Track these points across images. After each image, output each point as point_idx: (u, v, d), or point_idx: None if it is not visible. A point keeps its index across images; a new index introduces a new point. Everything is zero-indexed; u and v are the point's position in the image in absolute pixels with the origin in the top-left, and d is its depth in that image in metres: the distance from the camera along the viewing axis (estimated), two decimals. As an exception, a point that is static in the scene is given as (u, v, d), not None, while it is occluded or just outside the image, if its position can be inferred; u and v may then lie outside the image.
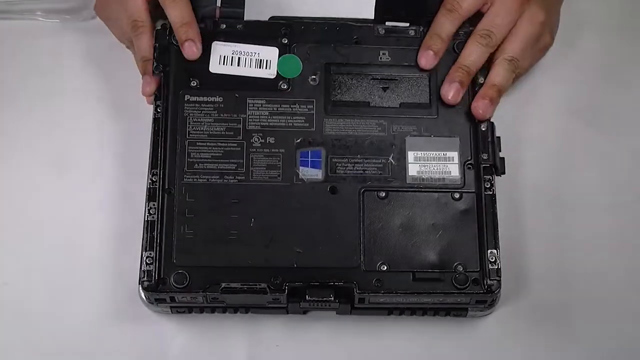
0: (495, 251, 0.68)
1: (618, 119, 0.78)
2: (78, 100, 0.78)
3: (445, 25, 0.74)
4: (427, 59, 0.73)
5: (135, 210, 0.69)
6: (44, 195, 0.75)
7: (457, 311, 0.70)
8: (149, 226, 0.68)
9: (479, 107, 0.72)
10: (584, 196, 0.76)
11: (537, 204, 0.75)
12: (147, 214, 0.68)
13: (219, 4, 0.74)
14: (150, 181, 0.69)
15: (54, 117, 0.77)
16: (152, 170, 0.69)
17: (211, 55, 0.73)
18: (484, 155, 0.71)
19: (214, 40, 0.73)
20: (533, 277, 0.73)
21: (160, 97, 0.71)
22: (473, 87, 0.73)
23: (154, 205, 0.69)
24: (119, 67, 0.77)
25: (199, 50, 0.72)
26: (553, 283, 0.73)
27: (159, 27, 0.73)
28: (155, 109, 0.71)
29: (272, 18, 0.75)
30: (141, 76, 0.73)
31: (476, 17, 0.74)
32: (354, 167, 0.71)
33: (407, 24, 0.75)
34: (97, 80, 0.78)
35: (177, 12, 0.72)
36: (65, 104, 0.78)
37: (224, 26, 0.74)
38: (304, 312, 0.71)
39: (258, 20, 0.74)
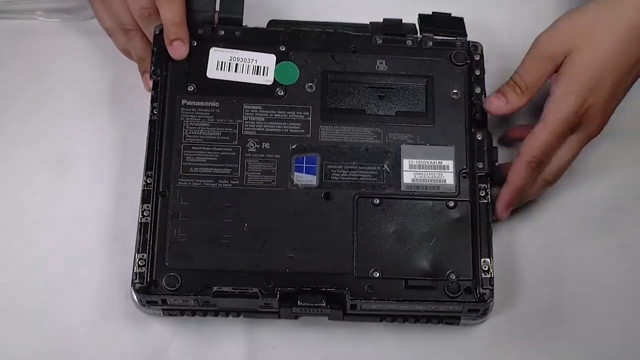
0: (488, 260, 0.68)
1: (615, 121, 0.78)
2: (78, 100, 0.78)
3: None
4: (498, 104, 0.70)
5: (135, 211, 0.69)
6: (42, 195, 0.74)
7: (449, 319, 0.70)
8: (142, 228, 0.68)
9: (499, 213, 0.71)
10: (579, 204, 0.75)
11: (532, 212, 0.75)
12: (140, 216, 0.68)
13: (218, 9, 0.74)
14: (144, 183, 0.69)
15: (53, 117, 0.77)
16: (147, 172, 0.69)
17: (209, 61, 0.73)
18: (479, 164, 0.71)
19: (212, 46, 0.73)
20: (527, 286, 0.72)
21: (157, 99, 0.71)
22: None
23: (147, 207, 0.69)
24: (119, 67, 0.78)
25: (186, 51, 0.72)
26: (546, 292, 0.72)
27: (157, 32, 0.73)
28: (152, 111, 0.71)
29: (271, 21, 0.75)
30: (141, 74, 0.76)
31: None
32: (348, 173, 0.71)
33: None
34: (97, 80, 0.78)
35: (170, 11, 0.72)
36: (65, 104, 0.77)
37: (222, 32, 0.74)
38: (296, 317, 0.71)
39: (256, 27, 0.74)
